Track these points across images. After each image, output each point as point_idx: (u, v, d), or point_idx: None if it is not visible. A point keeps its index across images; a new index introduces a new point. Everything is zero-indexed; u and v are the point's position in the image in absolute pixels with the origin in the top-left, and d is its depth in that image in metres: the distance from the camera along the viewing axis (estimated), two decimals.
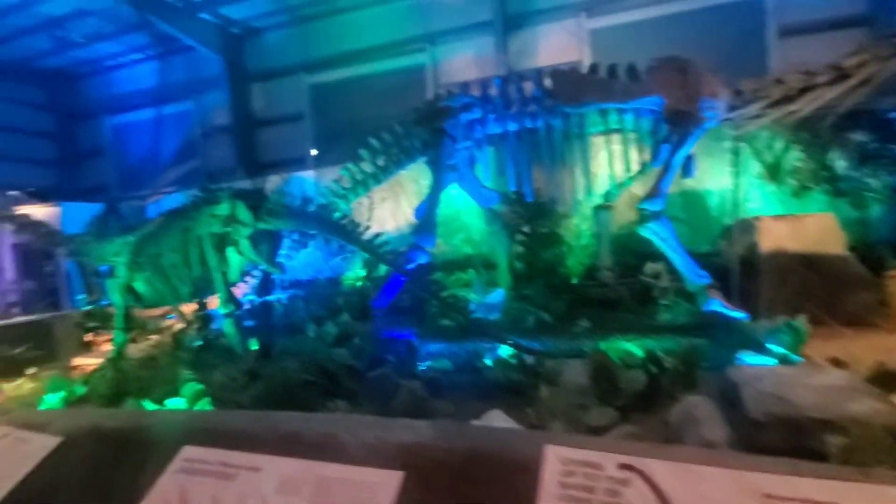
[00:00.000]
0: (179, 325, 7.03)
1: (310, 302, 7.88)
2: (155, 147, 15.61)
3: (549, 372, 3.93)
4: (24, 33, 12.49)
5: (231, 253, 4.03)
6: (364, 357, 4.85)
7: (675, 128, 4.95)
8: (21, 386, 5.76)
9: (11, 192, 13.83)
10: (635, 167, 6.07)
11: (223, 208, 4.00)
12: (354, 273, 9.76)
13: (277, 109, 14.14)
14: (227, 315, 4.12)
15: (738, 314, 4.96)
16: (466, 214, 9.00)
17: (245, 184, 11.32)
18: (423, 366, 4.98)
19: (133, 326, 4.96)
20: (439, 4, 12.26)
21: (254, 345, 5.61)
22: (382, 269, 8.85)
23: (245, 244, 3.93)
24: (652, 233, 5.17)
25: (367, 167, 6.28)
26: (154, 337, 6.98)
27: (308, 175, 10.74)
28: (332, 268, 10.54)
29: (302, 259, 7.84)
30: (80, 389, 4.00)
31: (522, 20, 11.60)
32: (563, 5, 11.38)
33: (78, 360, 6.48)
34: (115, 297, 4.61)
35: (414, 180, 9.20)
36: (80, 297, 10.43)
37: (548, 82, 5.25)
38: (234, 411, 2.44)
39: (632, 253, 7.04)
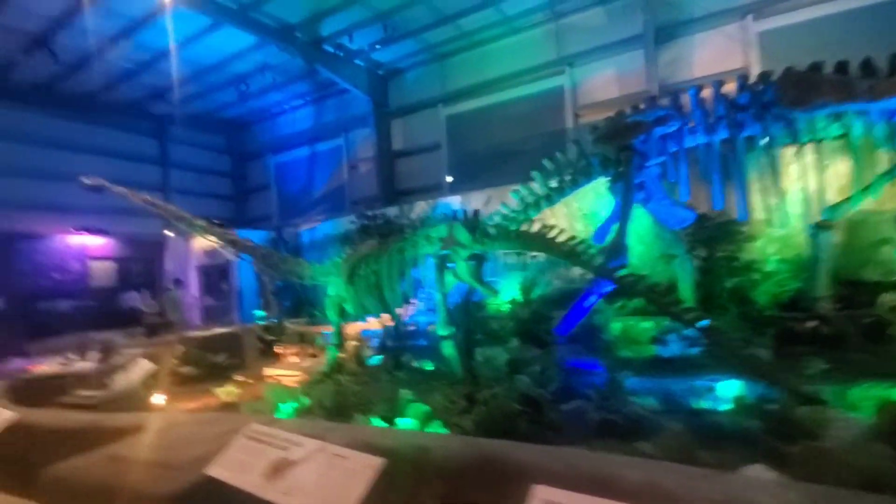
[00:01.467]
0: (357, 343, 7.44)
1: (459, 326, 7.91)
2: (309, 180, 17.45)
3: (809, 422, 3.29)
4: (215, 89, 14.90)
5: (447, 275, 4.11)
6: (550, 386, 4.59)
7: None
8: (231, 391, 6.44)
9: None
10: (862, 178, 5.13)
11: (440, 230, 4.13)
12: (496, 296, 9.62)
13: (415, 141, 14.97)
14: (445, 337, 4.22)
15: None
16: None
17: (391, 210, 12.02)
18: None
19: (342, 342, 5.29)
20: (579, 26, 12.09)
21: (428, 365, 5.69)
22: (537, 292, 8.64)
23: (462, 266, 3.98)
24: None
25: (538, 189, 6.14)
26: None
27: (453, 200, 11.02)
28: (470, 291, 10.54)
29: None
30: (305, 400, 4.30)
31: (675, 30, 10.90)
32: (723, 10, 10.48)
33: (270, 371, 7.11)
34: (330, 314, 4.99)
35: (565, 203, 8.92)
36: (258, 312, 11.80)
37: (768, 84, 4.67)
38: (513, 442, 2.32)
39: (846, 281, 5.94)
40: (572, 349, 5.93)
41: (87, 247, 13.30)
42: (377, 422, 3.57)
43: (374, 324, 8.29)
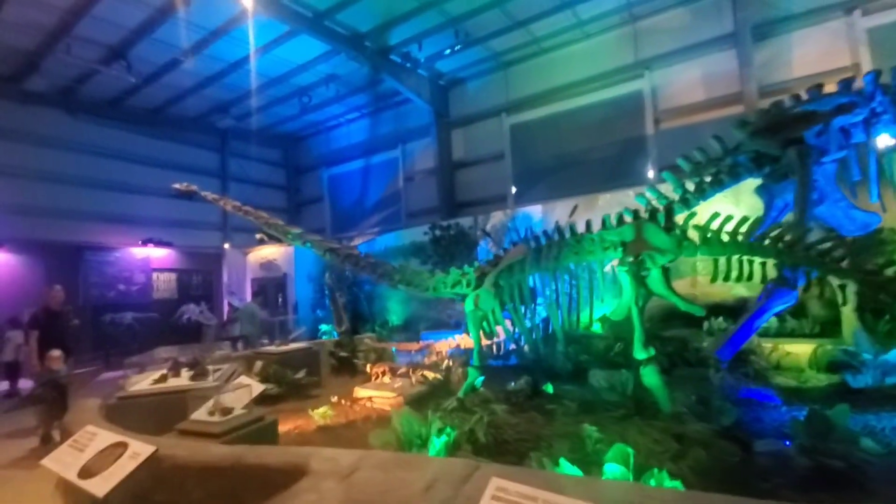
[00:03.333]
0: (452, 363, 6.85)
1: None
2: (363, 192, 17.21)
3: None
4: (277, 102, 14.88)
5: (631, 287, 3.46)
6: (722, 421, 3.85)
7: None
8: (326, 413, 5.92)
9: (258, 235, 16.38)
10: None
11: (625, 233, 3.49)
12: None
13: (477, 151, 14.51)
14: (645, 361, 3.58)
15: None
16: None
17: (464, 221, 11.48)
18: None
19: (483, 363, 4.69)
20: (659, 28, 11.46)
21: (549, 387, 5.02)
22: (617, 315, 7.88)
23: (657, 275, 3.32)
24: None
25: (672, 192, 5.48)
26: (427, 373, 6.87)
27: (535, 210, 10.42)
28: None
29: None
30: (449, 432, 3.71)
31: (770, 28, 10.14)
32: (826, 5, 9.68)
33: (362, 392, 6.58)
34: (471, 329, 4.42)
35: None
36: (324, 326, 11.41)
37: None
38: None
39: None
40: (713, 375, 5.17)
41: (151, 259, 13.29)
42: (569, 467, 2.94)
43: (460, 341, 7.73)
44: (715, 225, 3.53)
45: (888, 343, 4.29)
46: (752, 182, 5.84)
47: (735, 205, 7.43)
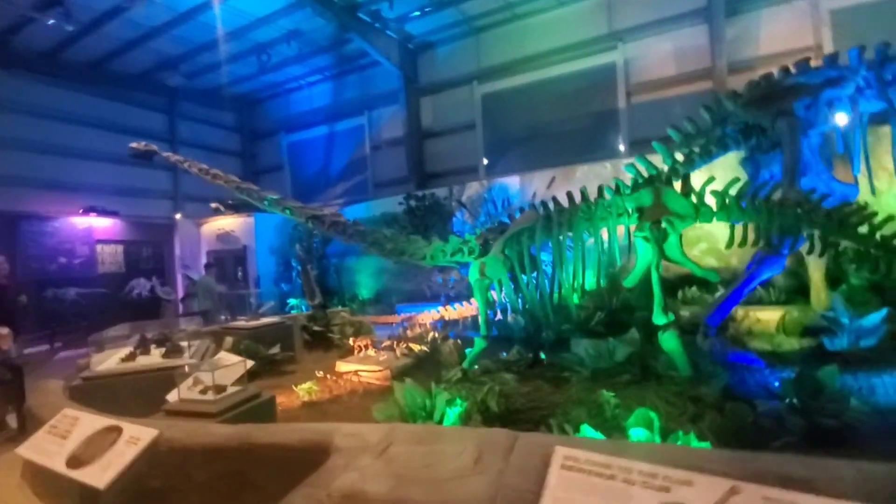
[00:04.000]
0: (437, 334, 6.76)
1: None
2: (327, 161, 16.47)
3: None
4: (233, 60, 13.75)
5: (647, 251, 3.40)
6: (714, 384, 4.01)
7: None
8: (312, 389, 5.73)
9: (213, 203, 15.36)
10: None
11: (642, 197, 3.40)
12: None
13: (447, 120, 14.15)
14: (664, 326, 3.65)
15: None
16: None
17: (440, 192, 11.21)
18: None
19: (488, 333, 4.57)
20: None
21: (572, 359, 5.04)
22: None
23: (675, 241, 3.28)
24: None
25: (662, 162, 5.51)
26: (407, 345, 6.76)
27: (511, 181, 10.31)
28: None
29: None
30: (459, 403, 3.62)
31: (741, 5, 10.34)
32: None
33: (345, 366, 6.40)
34: (477, 299, 4.26)
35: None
36: (292, 301, 10.92)
37: None
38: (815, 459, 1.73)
39: None
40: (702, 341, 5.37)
41: (94, 229, 12.17)
42: (591, 432, 2.93)
43: (444, 313, 7.63)
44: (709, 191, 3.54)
45: (862, 308, 4.57)
46: (726, 157, 6.00)
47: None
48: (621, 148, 11.60)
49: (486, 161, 13.50)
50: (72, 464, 2.36)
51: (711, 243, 8.09)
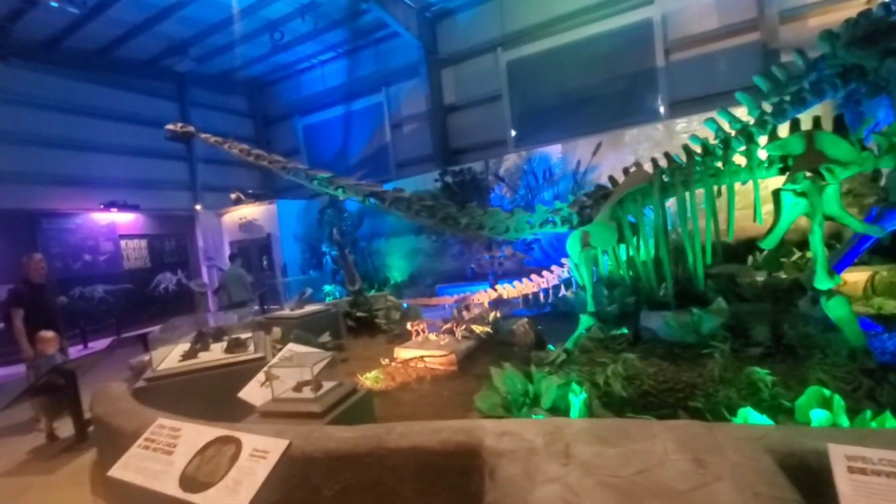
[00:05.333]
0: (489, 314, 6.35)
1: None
2: (345, 143, 15.92)
3: None
4: (243, 39, 13.12)
5: (796, 206, 2.93)
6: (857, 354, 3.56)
7: None
8: (378, 378, 5.40)
9: (233, 193, 14.92)
10: None
11: (792, 144, 2.85)
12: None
13: (470, 92, 13.50)
14: (832, 292, 2.86)
15: None
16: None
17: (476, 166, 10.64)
18: None
19: (597, 310, 4.15)
20: None
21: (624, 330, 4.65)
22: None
23: (833, 193, 2.77)
24: None
25: (749, 113, 4.94)
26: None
27: (552, 150, 9.74)
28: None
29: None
30: (577, 389, 3.21)
31: None
32: None
33: (405, 353, 6.02)
34: (583, 272, 3.79)
35: None
36: (327, 287, 10.56)
37: None
38: None
39: None
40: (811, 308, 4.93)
41: (116, 224, 11.80)
42: (757, 417, 2.51)
43: (501, 291, 7.20)
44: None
45: None
46: None
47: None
48: (661, 110, 10.96)
49: (514, 133, 12.90)
50: (188, 486, 1.97)
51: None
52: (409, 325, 6.37)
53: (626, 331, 4.69)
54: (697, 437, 1.93)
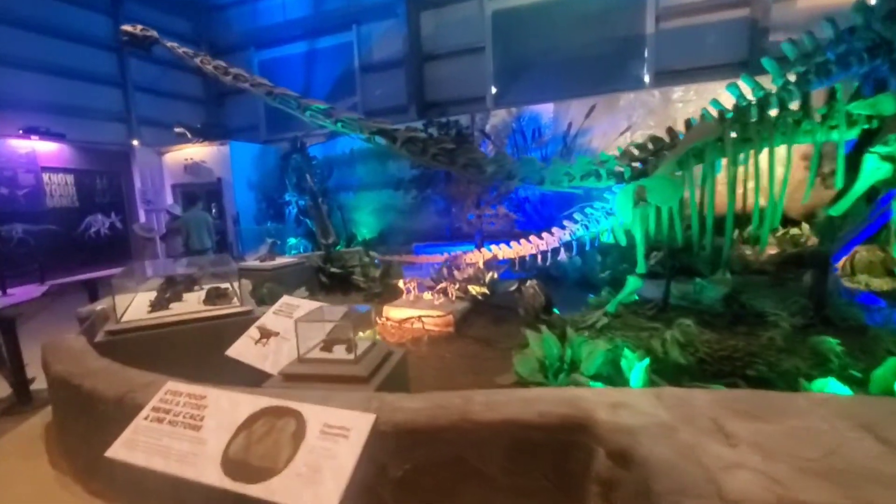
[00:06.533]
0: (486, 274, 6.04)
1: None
2: (307, 83, 14.56)
3: None
4: None
5: (879, 170, 2.73)
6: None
7: None
8: (371, 337, 4.97)
9: (177, 128, 13.26)
10: None
11: (883, 104, 2.58)
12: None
13: (450, 41, 12.64)
14: None
15: None
16: None
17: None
18: None
19: (645, 271, 3.84)
20: None
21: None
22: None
23: None
24: None
25: (771, 83, 4.77)
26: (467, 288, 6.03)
27: (543, 109, 9.29)
28: None
29: None
30: (631, 356, 2.96)
31: None
32: None
33: (397, 312, 5.61)
34: (635, 230, 3.40)
35: None
36: (291, 240, 9.65)
37: None
38: None
39: None
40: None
41: (38, 154, 10.07)
42: (838, 387, 2.37)
43: (496, 252, 6.84)
44: None
45: None
46: None
47: None
48: (646, 79, 10.81)
49: (494, 90, 12.31)
50: (237, 473, 1.48)
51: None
52: (400, 283, 5.91)
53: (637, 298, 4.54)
54: (851, 410, 1.70)
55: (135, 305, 4.05)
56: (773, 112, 3.17)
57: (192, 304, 4.07)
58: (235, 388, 1.99)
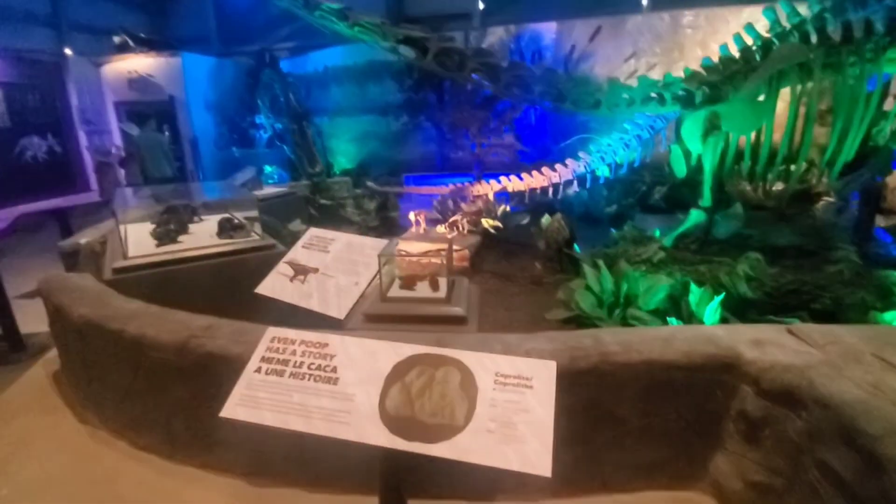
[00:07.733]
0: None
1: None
2: None
3: None
4: None
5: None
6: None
7: None
8: (390, 272, 4.73)
9: (117, 36, 11.44)
10: None
11: None
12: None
13: None
14: None
15: None
16: None
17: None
18: None
19: (713, 206, 3.66)
20: None
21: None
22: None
23: None
24: None
25: (789, 19, 4.53)
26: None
27: (546, 29, 8.60)
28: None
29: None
30: (698, 290, 2.91)
31: None
32: None
33: (408, 245, 5.33)
34: (708, 160, 3.17)
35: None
36: (267, 168, 8.80)
37: None
38: None
39: None
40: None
41: None
42: None
43: (506, 184, 6.55)
44: None
45: None
46: None
47: None
48: (643, 1, 10.27)
49: (482, 5, 11.34)
50: (405, 431, 1.28)
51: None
52: (411, 215, 5.58)
53: (657, 233, 4.51)
54: None
55: (133, 239, 3.55)
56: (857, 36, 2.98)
57: (201, 237, 3.62)
58: (340, 332, 1.73)
